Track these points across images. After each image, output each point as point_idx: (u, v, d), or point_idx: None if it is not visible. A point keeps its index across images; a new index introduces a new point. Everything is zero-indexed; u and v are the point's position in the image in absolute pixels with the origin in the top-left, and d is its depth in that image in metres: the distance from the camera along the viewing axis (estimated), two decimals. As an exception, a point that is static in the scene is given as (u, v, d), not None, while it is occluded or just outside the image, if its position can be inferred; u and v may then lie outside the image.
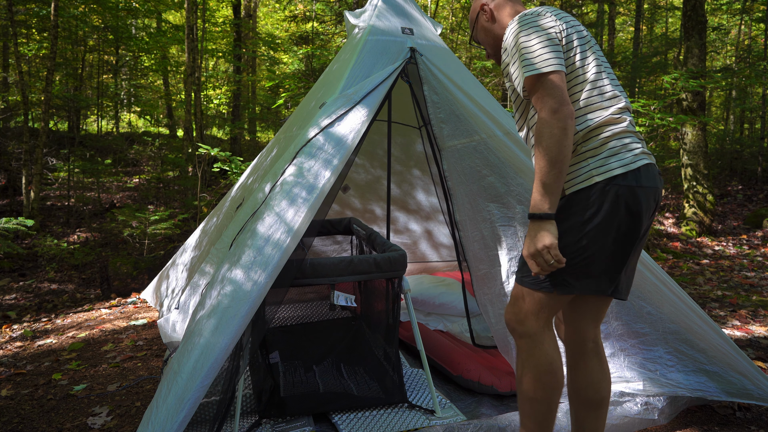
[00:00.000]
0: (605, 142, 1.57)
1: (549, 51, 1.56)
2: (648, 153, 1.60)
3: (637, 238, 1.57)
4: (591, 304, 1.68)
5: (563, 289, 1.56)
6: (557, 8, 1.74)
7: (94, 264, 5.70)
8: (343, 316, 2.63)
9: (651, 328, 2.31)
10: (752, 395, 2.24)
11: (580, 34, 1.65)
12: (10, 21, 6.72)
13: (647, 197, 1.54)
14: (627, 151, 1.55)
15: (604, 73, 1.63)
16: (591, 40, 1.69)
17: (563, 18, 1.65)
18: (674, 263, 6.14)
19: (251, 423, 2.19)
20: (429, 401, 2.35)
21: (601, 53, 1.70)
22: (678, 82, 7.09)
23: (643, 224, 1.57)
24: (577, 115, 1.60)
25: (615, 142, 1.56)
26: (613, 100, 1.61)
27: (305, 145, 2.12)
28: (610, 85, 1.62)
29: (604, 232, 1.53)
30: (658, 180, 1.58)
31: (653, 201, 1.57)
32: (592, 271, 1.55)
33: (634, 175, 1.53)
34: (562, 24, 1.62)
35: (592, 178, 1.54)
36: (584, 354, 1.69)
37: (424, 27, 2.76)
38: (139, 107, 12.20)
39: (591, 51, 1.65)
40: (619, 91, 1.64)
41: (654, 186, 1.56)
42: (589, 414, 1.68)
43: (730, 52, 14.86)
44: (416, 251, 4.31)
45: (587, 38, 1.67)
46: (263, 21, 15.06)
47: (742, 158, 11.58)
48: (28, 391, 2.76)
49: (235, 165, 5.71)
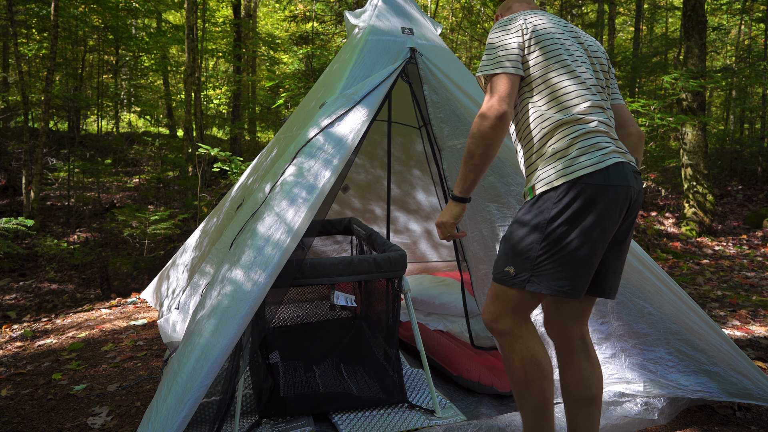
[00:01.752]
0: (573, 142, 1.59)
1: (503, 54, 1.65)
2: (622, 152, 1.60)
3: (608, 239, 1.58)
4: (573, 303, 1.69)
5: (533, 286, 1.58)
6: (542, 12, 1.78)
7: (94, 264, 5.70)
8: (343, 316, 2.63)
9: (652, 329, 2.31)
10: (752, 395, 2.24)
11: (551, 38, 1.68)
12: (10, 21, 6.72)
13: (617, 196, 1.54)
14: (595, 150, 1.57)
15: (570, 75, 1.65)
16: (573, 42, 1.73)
17: (538, 22, 1.71)
18: (674, 263, 6.14)
19: (251, 423, 2.19)
20: (429, 401, 2.35)
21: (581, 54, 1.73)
22: (678, 82, 7.09)
23: (613, 224, 1.57)
24: (541, 117, 1.64)
25: (582, 142, 1.58)
26: (580, 100, 1.63)
27: (305, 145, 2.12)
28: (577, 86, 1.64)
29: (570, 232, 1.53)
30: (631, 179, 1.57)
31: (625, 200, 1.56)
32: (559, 271, 1.55)
33: (602, 174, 1.53)
34: (529, 29, 1.68)
35: (559, 178, 1.56)
36: (572, 351, 1.71)
37: (424, 27, 2.76)
38: (139, 107, 12.20)
39: (564, 53, 1.67)
40: (592, 92, 1.66)
41: (625, 185, 1.55)
42: (582, 411, 1.69)
43: (730, 52, 14.86)
44: (416, 251, 4.31)
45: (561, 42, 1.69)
46: (263, 21, 15.06)
47: (742, 158, 11.57)
48: (28, 391, 2.76)
49: (235, 165, 5.71)
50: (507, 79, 1.62)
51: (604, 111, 1.65)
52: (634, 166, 1.61)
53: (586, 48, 1.77)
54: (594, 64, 1.75)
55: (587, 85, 1.66)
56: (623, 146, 1.64)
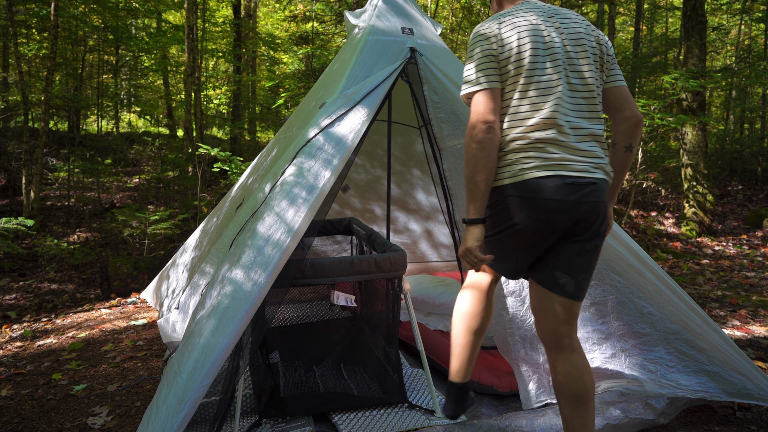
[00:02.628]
0: (509, 152, 1.69)
1: (479, 69, 1.71)
2: (559, 165, 1.63)
3: (530, 244, 1.70)
4: (556, 306, 1.75)
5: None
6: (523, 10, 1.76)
7: (94, 264, 5.71)
8: (343, 316, 2.63)
9: (652, 329, 2.31)
10: (752, 395, 2.24)
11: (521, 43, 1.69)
12: (10, 21, 6.72)
13: (536, 208, 1.63)
14: (520, 163, 1.66)
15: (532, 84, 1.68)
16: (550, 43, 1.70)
17: (512, 25, 1.72)
18: (674, 263, 6.14)
19: (251, 423, 2.19)
20: (429, 401, 2.35)
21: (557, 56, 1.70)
22: (678, 82, 7.09)
23: (533, 233, 1.66)
24: (506, 125, 1.72)
25: (512, 155, 1.68)
26: (529, 115, 1.68)
27: (305, 145, 2.12)
28: (535, 95, 1.68)
29: (494, 228, 1.75)
30: (557, 192, 1.61)
31: (543, 211, 1.63)
32: (488, 250, 1.77)
33: (522, 185, 1.64)
34: (501, 35, 1.71)
35: (496, 181, 1.72)
36: (561, 351, 1.75)
37: (424, 27, 2.76)
38: (139, 107, 12.19)
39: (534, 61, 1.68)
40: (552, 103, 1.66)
41: (542, 198, 1.62)
42: (575, 411, 1.71)
43: (730, 52, 14.86)
44: (416, 251, 4.31)
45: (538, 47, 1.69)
46: (263, 21, 15.06)
47: (742, 158, 11.58)
48: (28, 391, 2.76)
49: (235, 165, 5.71)
50: (484, 94, 1.68)
51: (556, 126, 1.66)
52: (570, 178, 1.62)
53: (567, 43, 1.72)
54: (574, 59, 1.71)
55: (546, 97, 1.67)
56: (573, 157, 1.65)
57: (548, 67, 1.70)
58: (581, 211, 1.63)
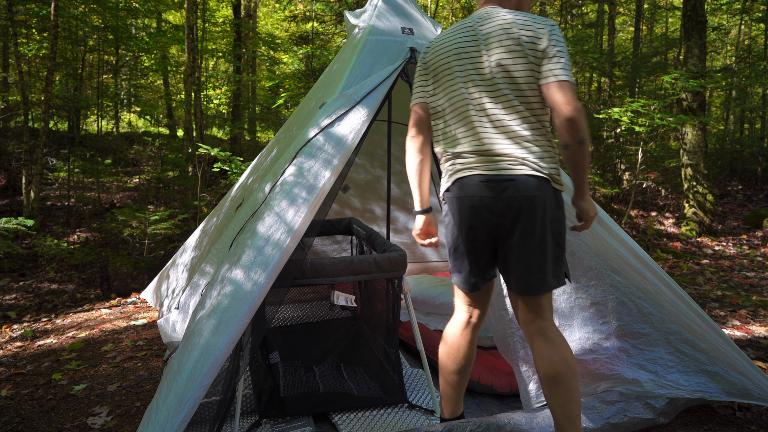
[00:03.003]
0: (442, 162, 1.93)
1: (415, 85, 1.96)
2: (473, 167, 1.79)
3: (467, 241, 1.83)
4: (518, 300, 1.87)
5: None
6: (456, 26, 1.89)
7: (94, 264, 5.71)
8: (343, 316, 2.63)
9: (652, 329, 2.31)
10: (752, 395, 2.24)
11: (436, 64, 1.88)
12: (10, 21, 6.72)
13: (463, 206, 1.80)
14: (449, 168, 1.88)
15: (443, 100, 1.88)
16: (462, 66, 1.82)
17: (431, 55, 1.90)
18: (674, 263, 6.14)
19: (251, 423, 2.19)
20: (429, 401, 2.35)
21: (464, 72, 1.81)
22: (678, 82, 7.09)
23: (467, 229, 1.81)
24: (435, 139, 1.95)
25: (444, 165, 1.92)
26: (446, 126, 1.89)
27: (305, 145, 2.12)
28: (445, 122, 1.87)
29: (447, 234, 1.92)
30: (477, 189, 1.77)
31: (468, 207, 1.79)
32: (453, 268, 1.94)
33: (453, 188, 1.85)
34: (430, 55, 1.91)
35: (442, 189, 1.94)
36: (531, 337, 1.86)
37: (424, 27, 2.76)
38: (139, 107, 12.19)
39: (449, 79, 1.84)
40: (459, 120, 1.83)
41: (469, 195, 1.78)
42: (551, 391, 1.77)
43: (730, 52, 14.86)
44: (416, 251, 4.31)
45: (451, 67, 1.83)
46: (263, 21, 15.06)
47: (742, 158, 11.58)
48: (28, 391, 2.76)
49: (235, 165, 5.71)
50: (416, 108, 1.94)
51: (458, 141, 1.83)
52: (486, 176, 1.76)
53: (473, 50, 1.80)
54: (485, 68, 1.77)
55: (457, 113, 1.83)
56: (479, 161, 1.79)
57: (453, 81, 1.83)
58: (501, 206, 1.74)
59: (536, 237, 1.74)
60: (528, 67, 1.73)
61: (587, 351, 2.31)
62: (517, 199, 1.72)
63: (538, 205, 1.72)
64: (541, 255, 1.76)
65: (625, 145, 9.51)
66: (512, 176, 1.72)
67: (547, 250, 1.76)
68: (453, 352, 1.94)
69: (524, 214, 1.72)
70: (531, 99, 1.75)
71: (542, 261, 1.76)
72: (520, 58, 1.73)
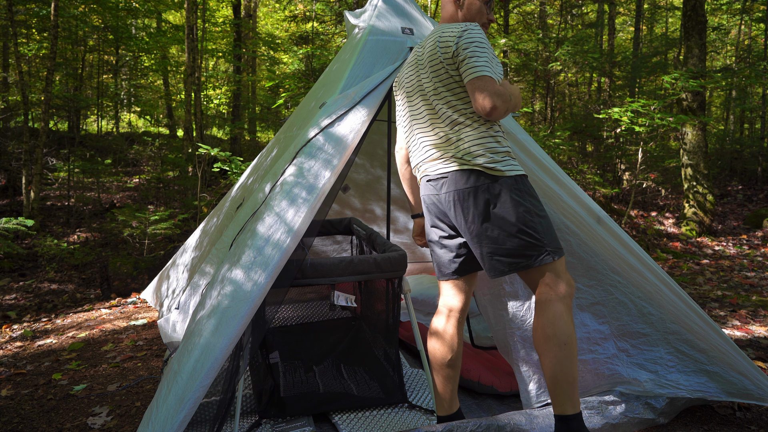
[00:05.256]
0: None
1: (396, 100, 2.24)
2: (421, 170, 2.04)
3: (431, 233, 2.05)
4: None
5: None
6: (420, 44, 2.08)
7: (94, 264, 5.71)
8: (343, 316, 2.63)
9: (652, 329, 2.31)
10: (752, 395, 2.24)
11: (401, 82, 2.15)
12: (10, 21, 6.72)
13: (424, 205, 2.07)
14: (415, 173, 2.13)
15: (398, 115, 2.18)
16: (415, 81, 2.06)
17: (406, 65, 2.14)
18: (674, 263, 6.14)
19: (251, 423, 2.19)
20: (429, 401, 2.35)
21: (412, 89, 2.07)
22: (678, 82, 7.09)
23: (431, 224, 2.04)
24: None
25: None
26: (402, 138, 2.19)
27: (305, 145, 2.12)
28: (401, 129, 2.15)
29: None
30: (425, 188, 2.03)
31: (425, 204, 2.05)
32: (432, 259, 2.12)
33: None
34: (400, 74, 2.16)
35: None
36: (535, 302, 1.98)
37: (424, 27, 2.75)
38: (139, 107, 12.19)
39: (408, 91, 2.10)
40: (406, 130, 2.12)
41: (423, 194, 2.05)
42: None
43: (730, 52, 14.86)
44: (416, 251, 4.31)
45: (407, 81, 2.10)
46: (263, 21, 15.06)
47: (742, 158, 11.58)
48: (28, 391, 2.76)
49: (235, 165, 5.71)
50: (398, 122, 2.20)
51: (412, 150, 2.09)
52: (427, 175, 2.01)
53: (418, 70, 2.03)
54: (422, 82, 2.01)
55: (403, 126, 2.14)
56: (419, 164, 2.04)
57: (402, 97, 2.13)
58: (444, 200, 1.96)
59: (478, 225, 1.87)
60: (447, 75, 1.92)
61: (587, 351, 2.31)
62: (451, 193, 1.92)
63: (470, 195, 1.88)
64: (493, 240, 1.86)
65: (625, 145, 9.51)
66: (445, 174, 1.94)
67: (498, 236, 1.85)
68: (440, 345, 2.01)
69: (460, 205, 1.90)
70: (457, 103, 1.92)
71: (495, 245, 1.86)
72: (441, 71, 1.93)
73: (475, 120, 1.91)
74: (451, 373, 2.01)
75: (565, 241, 2.30)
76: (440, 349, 2.00)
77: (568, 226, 2.32)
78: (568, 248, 2.31)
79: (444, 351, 2.00)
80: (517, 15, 12.79)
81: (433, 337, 2.03)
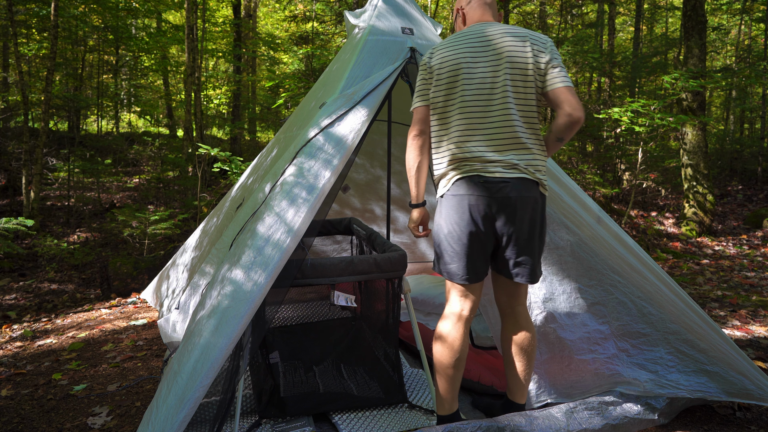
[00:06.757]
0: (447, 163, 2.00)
1: (417, 89, 2.06)
2: (476, 169, 1.91)
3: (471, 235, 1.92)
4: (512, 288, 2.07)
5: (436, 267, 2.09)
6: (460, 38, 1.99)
7: (94, 264, 5.71)
8: (343, 316, 2.63)
9: (652, 329, 2.31)
10: (752, 395, 2.24)
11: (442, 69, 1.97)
12: (10, 21, 6.72)
13: (462, 204, 1.93)
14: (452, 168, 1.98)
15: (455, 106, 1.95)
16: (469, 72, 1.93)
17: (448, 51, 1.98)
18: (674, 263, 6.14)
19: (251, 423, 2.19)
20: (429, 401, 2.35)
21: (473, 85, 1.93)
22: (678, 82, 7.09)
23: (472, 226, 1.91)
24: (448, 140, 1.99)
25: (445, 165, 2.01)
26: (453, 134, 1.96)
27: (305, 145, 2.12)
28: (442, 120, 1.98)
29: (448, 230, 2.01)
30: (476, 188, 1.90)
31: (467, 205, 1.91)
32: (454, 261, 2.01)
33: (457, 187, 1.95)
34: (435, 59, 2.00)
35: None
36: (514, 315, 2.09)
37: (424, 27, 2.75)
38: (139, 107, 12.19)
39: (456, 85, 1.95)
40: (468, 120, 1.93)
41: (467, 194, 1.92)
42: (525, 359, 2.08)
43: (730, 52, 14.86)
44: (416, 251, 4.31)
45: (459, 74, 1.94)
46: (263, 21, 15.06)
47: (742, 158, 11.59)
48: (28, 391, 2.76)
49: (235, 165, 5.71)
50: (418, 111, 2.05)
51: (461, 144, 1.93)
52: (483, 176, 1.90)
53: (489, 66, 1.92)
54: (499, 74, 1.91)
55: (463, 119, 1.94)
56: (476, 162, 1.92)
57: (460, 87, 1.94)
58: (497, 205, 1.90)
59: (526, 232, 1.95)
60: (531, 79, 1.91)
61: (587, 351, 2.31)
62: (519, 200, 1.89)
63: (529, 204, 1.91)
64: (536, 251, 2.00)
65: (625, 145, 9.51)
66: (508, 179, 1.90)
67: (538, 248, 2.00)
68: (448, 347, 2.01)
69: (518, 212, 1.90)
70: (529, 111, 1.94)
71: (537, 256, 2.01)
72: (525, 71, 1.91)
73: (538, 132, 1.96)
74: (455, 374, 2.02)
75: (565, 241, 2.30)
76: (447, 353, 2.00)
77: (568, 226, 2.32)
78: (568, 248, 2.31)
79: (452, 354, 2.00)
80: (517, 15, 12.79)
81: (439, 341, 2.02)
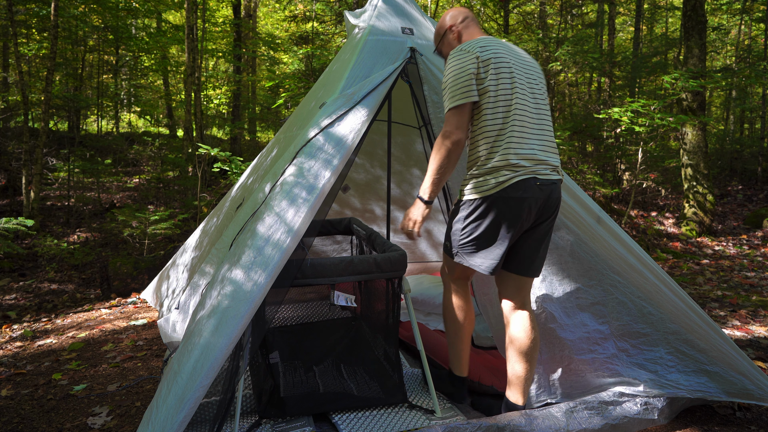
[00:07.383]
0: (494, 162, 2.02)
1: (458, 86, 2.00)
2: (531, 171, 1.98)
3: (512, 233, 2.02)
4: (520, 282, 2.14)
5: (457, 258, 2.16)
6: (495, 40, 2.07)
7: (94, 264, 5.71)
8: (343, 316, 2.63)
9: (652, 329, 2.31)
10: (752, 395, 2.24)
11: (500, 66, 2.00)
12: (10, 21, 6.72)
13: (520, 206, 1.99)
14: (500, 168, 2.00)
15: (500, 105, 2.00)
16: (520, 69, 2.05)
17: (502, 51, 2.03)
18: (674, 263, 6.14)
19: (251, 423, 2.19)
20: (429, 401, 2.35)
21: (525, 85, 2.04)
22: (678, 82, 7.09)
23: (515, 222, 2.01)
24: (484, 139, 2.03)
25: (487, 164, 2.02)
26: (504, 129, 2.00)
27: (305, 145, 2.12)
28: (502, 117, 2.00)
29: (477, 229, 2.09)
30: (534, 190, 1.98)
31: (524, 207, 1.99)
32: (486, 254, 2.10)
33: (512, 188, 1.99)
34: (488, 54, 2.00)
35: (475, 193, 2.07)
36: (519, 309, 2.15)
37: (424, 27, 2.75)
38: (139, 107, 12.19)
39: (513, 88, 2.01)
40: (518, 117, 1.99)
41: (525, 196, 1.98)
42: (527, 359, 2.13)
43: (730, 52, 14.86)
44: (416, 251, 4.31)
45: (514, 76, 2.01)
46: (263, 21, 15.06)
47: (742, 158, 11.59)
48: (28, 391, 2.76)
49: (235, 165, 5.71)
50: (460, 109, 2.00)
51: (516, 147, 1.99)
52: (538, 178, 1.99)
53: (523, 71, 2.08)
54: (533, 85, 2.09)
55: (518, 122, 2.01)
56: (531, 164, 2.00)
57: (515, 90, 2.01)
58: (547, 205, 2.04)
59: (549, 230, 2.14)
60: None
61: (587, 351, 2.31)
62: (557, 200, 2.07)
63: (559, 204, 2.11)
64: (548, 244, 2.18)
65: (625, 145, 9.51)
66: (555, 180, 2.06)
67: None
68: (460, 310, 2.24)
69: (555, 213, 2.10)
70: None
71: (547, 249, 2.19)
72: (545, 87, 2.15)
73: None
74: (470, 333, 2.30)
75: (565, 241, 2.30)
76: (463, 313, 2.25)
77: (568, 225, 2.32)
78: (567, 248, 2.31)
79: (466, 312, 2.25)
80: (517, 15, 12.79)
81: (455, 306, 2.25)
